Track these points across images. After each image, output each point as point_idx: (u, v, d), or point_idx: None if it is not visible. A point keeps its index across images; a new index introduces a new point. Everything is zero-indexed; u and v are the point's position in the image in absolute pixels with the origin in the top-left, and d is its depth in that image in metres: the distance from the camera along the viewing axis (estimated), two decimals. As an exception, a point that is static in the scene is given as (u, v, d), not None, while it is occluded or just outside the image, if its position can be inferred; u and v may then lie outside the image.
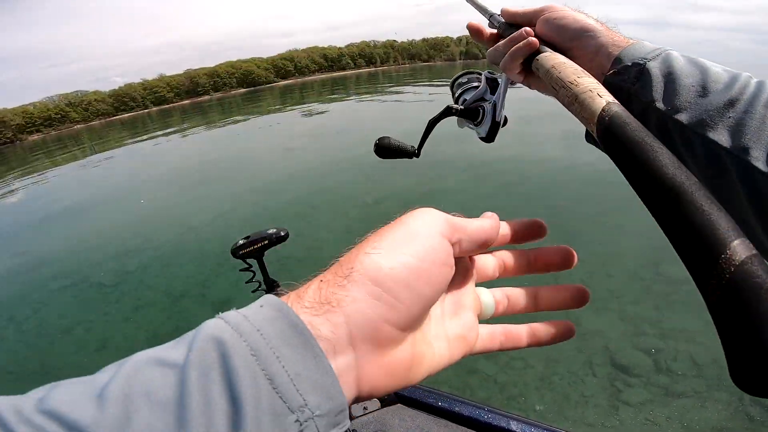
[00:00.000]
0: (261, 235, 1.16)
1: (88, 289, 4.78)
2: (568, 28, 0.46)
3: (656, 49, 0.42)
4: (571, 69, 0.39)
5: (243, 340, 0.20)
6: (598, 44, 0.45)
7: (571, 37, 0.46)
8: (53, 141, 38.86)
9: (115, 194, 9.54)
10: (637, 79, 0.41)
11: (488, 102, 0.57)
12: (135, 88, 63.23)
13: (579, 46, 0.45)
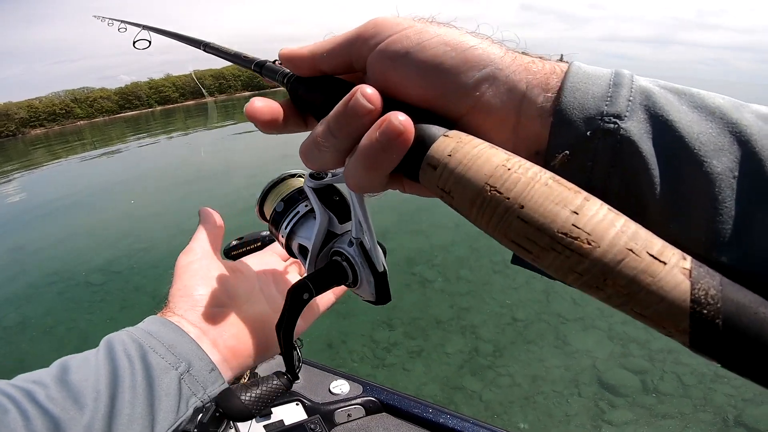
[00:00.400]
0: (254, 237, 1.18)
1: (75, 287, 4.73)
2: (442, 71, 0.24)
3: (615, 88, 0.22)
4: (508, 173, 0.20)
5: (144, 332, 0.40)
6: (512, 95, 0.24)
7: (459, 93, 0.24)
8: (55, 136, 38.99)
9: (109, 192, 9.53)
10: (612, 165, 0.22)
11: (345, 243, 0.36)
12: (141, 87, 63.71)
13: (478, 108, 0.24)
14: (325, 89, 0.28)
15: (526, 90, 0.23)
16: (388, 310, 3.62)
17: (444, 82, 0.24)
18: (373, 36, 0.26)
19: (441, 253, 4.65)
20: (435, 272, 4.29)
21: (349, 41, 0.27)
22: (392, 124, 0.22)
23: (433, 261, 4.52)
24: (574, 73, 0.23)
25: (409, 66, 0.24)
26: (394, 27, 0.25)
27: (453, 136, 0.23)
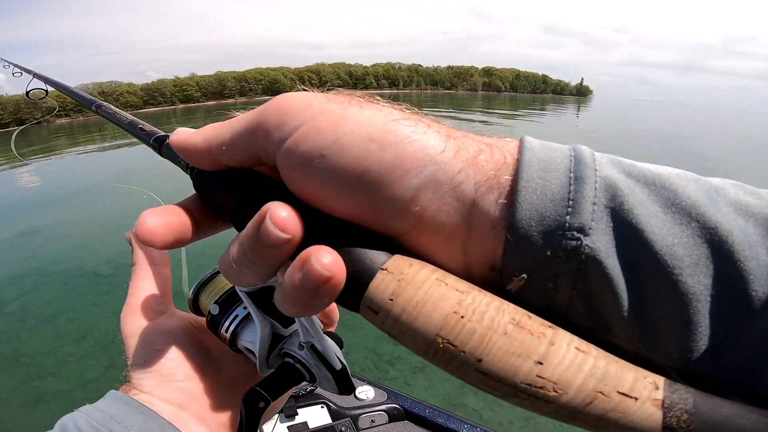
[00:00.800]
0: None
1: (81, 277, 4.64)
2: (369, 180, 0.19)
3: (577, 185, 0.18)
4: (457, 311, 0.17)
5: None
6: (460, 205, 0.18)
7: (394, 208, 0.19)
8: (78, 126, 40.11)
9: (125, 184, 9.57)
10: (575, 287, 0.18)
11: (294, 345, 0.33)
12: (166, 84, 65.48)
13: (422, 224, 0.19)
14: (234, 191, 0.23)
15: (476, 195, 0.18)
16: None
17: (374, 194, 0.19)
18: (277, 126, 0.20)
19: None
20: None
21: (250, 132, 0.21)
22: (315, 270, 0.17)
23: None
24: (528, 164, 0.18)
25: (327, 173, 0.19)
26: (302, 113, 0.20)
27: (393, 270, 0.18)
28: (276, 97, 0.21)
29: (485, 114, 30.31)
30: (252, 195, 0.22)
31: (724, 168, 11.83)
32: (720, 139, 22.11)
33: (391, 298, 0.17)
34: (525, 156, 0.19)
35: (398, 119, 0.19)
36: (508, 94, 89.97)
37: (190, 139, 0.24)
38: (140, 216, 0.23)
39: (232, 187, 0.23)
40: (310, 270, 0.17)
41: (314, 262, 0.17)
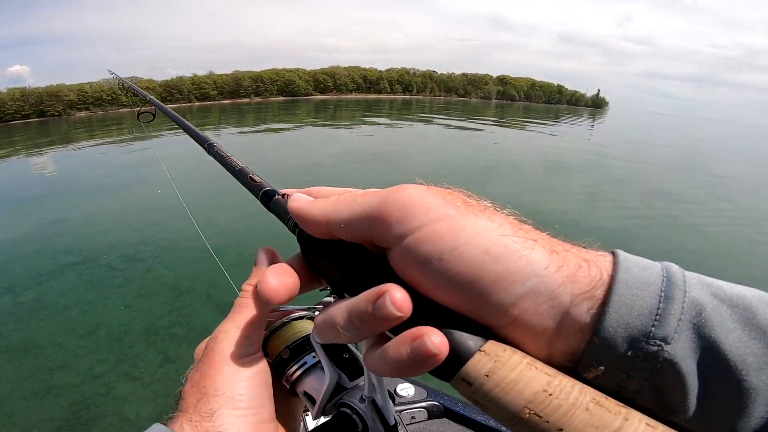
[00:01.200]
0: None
1: (95, 269, 4.64)
2: (479, 286, 0.21)
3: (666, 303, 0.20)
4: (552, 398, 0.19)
5: None
6: (554, 312, 0.21)
7: (498, 308, 0.21)
8: (97, 120, 40.89)
9: (143, 179, 9.64)
10: (647, 380, 0.20)
11: (356, 398, 0.35)
12: (184, 82, 66.54)
13: (518, 323, 0.21)
14: (342, 263, 0.26)
15: (570, 306, 0.21)
16: None
17: (480, 297, 0.21)
18: (398, 221, 0.23)
19: None
20: None
21: (370, 219, 0.24)
22: (426, 347, 0.20)
23: None
24: (622, 283, 0.21)
25: (443, 274, 0.22)
26: (423, 214, 0.22)
27: (490, 352, 0.21)
28: (397, 190, 0.24)
29: (496, 124, 30.06)
30: (361, 271, 0.25)
31: (737, 185, 11.49)
32: (731, 154, 21.57)
33: (487, 374, 0.20)
34: (620, 274, 0.21)
35: (509, 234, 0.22)
36: (522, 104, 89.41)
37: (308, 210, 0.26)
38: (264, 275, 0.27)
39: (341, 258, 0.26)
40: (422, 346, 0.20)
41: (426, 341, 0.20)
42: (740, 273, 5.08)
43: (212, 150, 0.48)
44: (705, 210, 8.14)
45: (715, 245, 6.15)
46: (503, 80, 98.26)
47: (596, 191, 9.07)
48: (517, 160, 13.03)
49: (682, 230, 6.69)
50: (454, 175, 9.96)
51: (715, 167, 14.98)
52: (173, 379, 3.04)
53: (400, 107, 47.12)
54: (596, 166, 12.63)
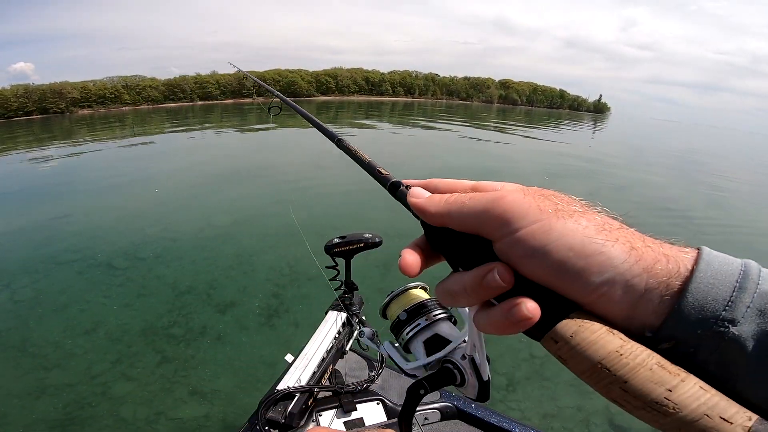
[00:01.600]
0: (357, 238, 1.22)
1: (96, 268, 4.60)
2: (566, 272, 0.27)
3: (739, 293, 0.24)
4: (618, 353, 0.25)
5: None
6: (631, 295, 0.26)
7: (581, 290, 0.27)
8: (100, 117, 40.96)
9: (145, 178, 9.62)
10: (712, 353, 0.24)
11: (458, 355, 0.42)
12: (188, 81, 66.66)
13: (599, 301, 0.27)
14: (459, 247, 0.32)
15: (644, 292, 0.26)
16: None
17: (566, 282, 0.27)
18: (502, 224, 0.28)
19: None
20: None
21: (478, 218, 0.30)
22: (522, 311, 0.26)
23: None
24: (702, 274, 0.25)
25: (537, 262, 0.27)
26: (522, 219, 0.28)
27: (575, 318, 0.27)
28: (500, 197, 0.29)
29: (500, 130, 30.05)
30: (472, 252, 0.31)
31: (737, 194, 11.46)
32: (731, 163, 21.54)
33: (571, 335, 0.26)
34: (700, 266, 0.25)
35: (591, 236, 0.27)
36: (523, 108, 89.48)
37: (425, 205, 0.33)
38: (402, 254, 0.33)
39: (456, 242, 0.32)
40: (519, 311, 0.26)
41: (523, 307, 0.26)
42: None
43: (341, 144, 0.52)
44: (703, 218, 8.11)
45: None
46: (505, 84, 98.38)
47: (595, 198, 9.05)
48: (517, 165, 13.00)
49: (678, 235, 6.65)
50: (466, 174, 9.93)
51: (716, 176, 14.95)
52: (170, 380, 3.01)
53: (401, 110, 47.19)
54: (595, 173, 12.60)
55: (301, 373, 1.14)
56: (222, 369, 3.11)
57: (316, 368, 1.17)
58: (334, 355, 1.25)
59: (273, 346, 3.35)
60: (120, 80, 61.42)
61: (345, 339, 1.33)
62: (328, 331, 1.30)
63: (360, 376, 1.27)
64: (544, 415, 2.73)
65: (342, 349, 1.31)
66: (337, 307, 1.38)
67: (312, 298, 4.03)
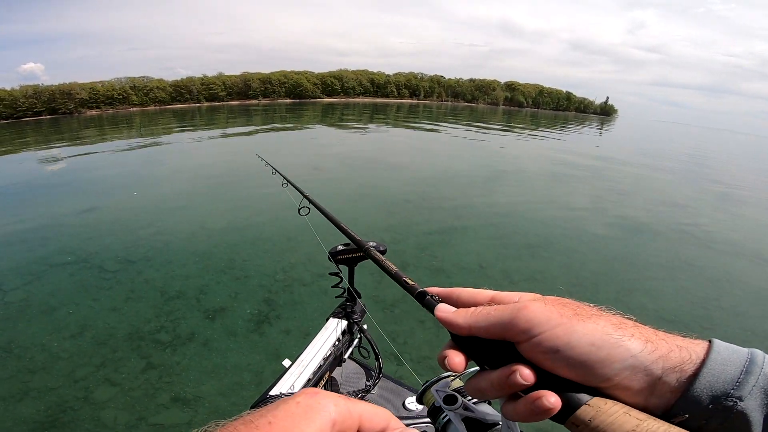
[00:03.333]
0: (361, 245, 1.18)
1: (87, 270, 4.63)
2: (587, 365, 0.31)
3: (745, 376, 0.29)
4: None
5: None
6: (648, 379, 0.30)
7: (601, 377, 0.31)
8: (108, 118, 41.42)
9: (141, 180, 9.68)
10: (721, 425, 0.29)
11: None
12: (194, 82, 67.21)
13: (619, 386, 0.31)
14: (485, 350, 0.36)
15: (662, 375, 0.30)
16: (399, 345, 3.45)
17: (589, 371, 0.31)
18: (526, 330, 0.32)
19: None
20: None
21: (504, 327, 0.34)
22: (543, 404, 0.30)
23: None
24: (714, 360, 0.30)
25: (560, 359, 0.31)
26: (545, 324, 0.32)
27: (593, 405, 0.30)
28: (524, 308, 0.33)
29: (504, 132, 29.83)
30: (497, 354, 0.35)
31: (745, 198, 11.25)
32: (739, 165, 21.18)
33: (590, 419, 0.30)
34: (712, 355, 0.30)
35: (610, 333, 0.31)
36: (529, 110, 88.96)
37: (453, 319, 0.37)
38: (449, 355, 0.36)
39: (482, 346, 0.36)
40: (542, 404, 0.30)
41: (545, 400, 0.30)
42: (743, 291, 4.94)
43: (369, 253, 0.57)
44: (711, 222, 7.98)
45: (719, 261, 5.99)
46: (511, 86, 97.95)
47: (601, 202, 8.93)
48: (523, 168, 12.90)
49: (686, 243, 6.54)
50: (460, 182, 9.88)
51: (724, 178, 14.71)
52: (154, 386, 3.00)
53: (407, 112, 47.15)
54: (601, 176, 12.46)
55: (296, 379, 1.13)
56: (207, 376, 3.10)
57: (311, 375, 1.16)
58: (332, 363, 1.25)
59: (261, 354, 3.34)
60: (128, 81, 62.08)
61: (344, 347, 1.32)
62: (327, 338, 1.29)
63: (357, 385, 1.27)
64: (537, 429, 2.67)
65: (340, 357, 1.29)
66: (338, 314, 1.36)
67: (305, 305, 4.01)
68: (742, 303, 4.63)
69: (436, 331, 3.70)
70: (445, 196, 8.40)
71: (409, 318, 3.86)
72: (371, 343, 1.30)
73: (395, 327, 3.68)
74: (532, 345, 0.32)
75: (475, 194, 8.78)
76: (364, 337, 1.33)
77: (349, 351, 1.34)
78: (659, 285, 4.90)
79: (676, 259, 5.82)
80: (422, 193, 8.47)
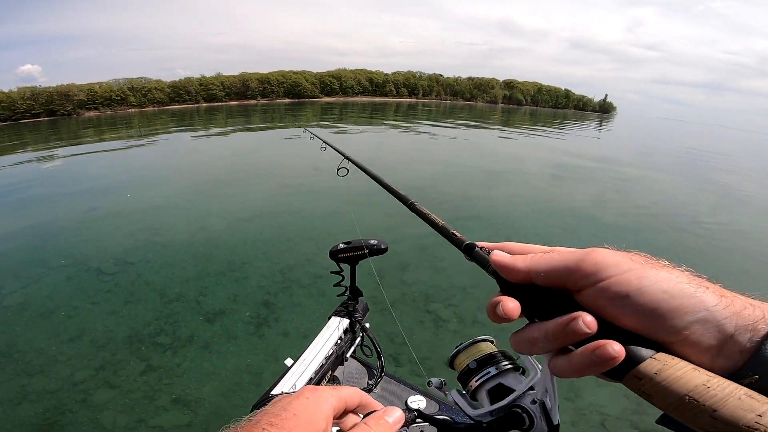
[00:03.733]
0: (361, 244, 1.20)
1: (85, 273, 4.61)
2: (658, 314, 0.29)
3: None
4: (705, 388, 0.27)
5: None
6: (720, 336, 0.28)
7: (670, 330, 0.29)
8: (106, 119, 41.35)
9: (142, 182, 9.66)
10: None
11: (527, 400, 0.43)
12: (192, 83, 67.08)
13: (687, 341, 0.29)
14: (540, 300, 0.35)
15: (734, 333, 0.28)
16: (397, 345, 3.43)
17: (657, 321, 0.29)
18: (593, 273, 0.31)
19: (459, 294, 4.36)
20: (450, 312, 4.05)
21: (568, 270, 0.32)
22: (607, 352, 0.28)
23: (450, 300, 4.23)
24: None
25: (627, 306, 0.30)
26: (614, 267, 0.31)
27: (660, 359, 0.29)
28: (592, 251, 0.32)
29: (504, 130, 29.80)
30: (552, 303, 0.34)
31: (744, 195, 11.26)
32: (739, 163, 21.18)
33: (655, 373, 0.28)
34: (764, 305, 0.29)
35: (685, 282, 0.29)
36: (528, 108, 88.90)
37: (512, 263, 0.36)
38: (503, 301, 0.34)
39: (535, 295, 0.35)
40: (605, 351, 0.28)
41: (609, 348, 0.28)
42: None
43: (413, 207, 0.54)
44: (709, 218, 7.98)
45: (717, 257, 6.00)
46: (510, 84, 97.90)
47: (602, 198, 8.93)
48: (522, 165, 12.89)
49: (686, 240, 6.54)
50: (459, 180, 9.86)
51: (723, 176, 14.72)
52: (153, 388, 2.99)
53: (405, 111, 47.11)
54: (601, 173, 12.46)
55: (298, 378, 1.12)
56: (207, 378, 3.10)
57: (313, 374, 1.15)
58: (334, 362, 1.24)
59: (261, 356, 3.33)
60: (126, 82, 61.91)
61: (346, 345, 1.31)
62: (329, 337, 1.28)
63: (359, 384, 1.27)
64: None
65: (342, 355, 1.29)
66: (340, 312, 1.36)
67: (304, 307, 4.01)
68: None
69: (435, 330, 3.72)
70: (446, 192, 8.38)
71: (409, 318, 3.86)
72: (373, 341, 1.29)
73: (394, 328, 3.68)
74: (597, 290, 0.31)
75: (474, 194, 8.77)
76: (367, 336, 1.33)
77: (351, 350, 1.33)
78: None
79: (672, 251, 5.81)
80: (422, 194, 8.45)
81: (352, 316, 1.33)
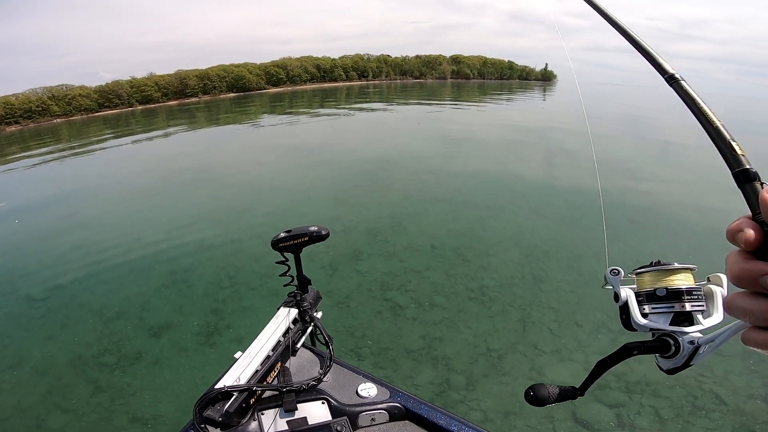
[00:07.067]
0: (302, 231, 1.19)
1: (14, 302, 4.36)
2: None
3: None
4: None
5: None
6: None
7: None
8: (31, 133, 37.40)
9: (68, 198, 8.94)
10: None
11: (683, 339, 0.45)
12: (122, 86, 61.85)
13: None
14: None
15: None
16: (357, 339, 3.44)
17: None
18: None
19: (415, 279, 4.41)
20: (408, 298, 4.07)
21: None
22: None
23: (406, 286, 4.29)
24: None
25: None
26: None
27: None
28: None
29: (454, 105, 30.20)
30: None
31: (679, 150, 12.31)
32: (671, 120, 23.09)
33: None
34: None
35: None
36: (476, 81, 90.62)
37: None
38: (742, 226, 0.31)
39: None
40: None
41: None
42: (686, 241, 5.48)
43: (675, 84, 0.40)
44: (650, 173, 8.51)
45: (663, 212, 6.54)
46: (456, 60, 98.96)
47: (550, 167, 9.35)
48: (477, 136, 13.25)
49: (632, 198, 6.99)
50: (422, 157, 9.99)
51: (658, 132, 15.90)
52: (108, 409, 2.96)
53: (357, 94, 46.46)
54: (548, 137, 13.08)
55: (243, 371, 1.10)
56: (162, 394, 3.07)
57: (259, 366, 1.13)
58: (283, 353, 1.21)
59: (215, 366, 3.32)
60: (44, 91, 55.96)
61: (296, 336, 1.27)
62: (276, 328, 1.25)
63: (310, 374, 1.23)
64: (506, 414, 2.67)
65: (292, 346, 1.25)
66: (289, 303, 1.32)
67: (256, 309, 3.97)
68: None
69: (394, 319, 3.76)
70: (396, 177, 8.51)
71: (366, 310, 3.89)
72: (321, 330, 1.26)
73: (352, 321, 3.73)
74: None
75: (426, 170, 8.92)
76: (315, 325, 1.31)
77: (302, 340, 1.29)
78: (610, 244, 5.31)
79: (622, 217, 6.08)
80: (372, 177, 8.51)
81: (300, 306, 1.30)
